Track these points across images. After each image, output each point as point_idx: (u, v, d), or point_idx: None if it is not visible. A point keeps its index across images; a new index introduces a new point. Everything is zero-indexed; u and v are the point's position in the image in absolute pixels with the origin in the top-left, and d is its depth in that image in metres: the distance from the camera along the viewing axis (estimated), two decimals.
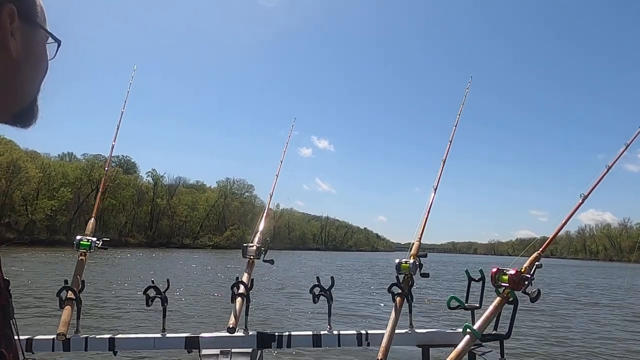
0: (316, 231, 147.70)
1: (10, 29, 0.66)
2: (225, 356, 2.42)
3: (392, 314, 2.45)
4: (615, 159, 2.36)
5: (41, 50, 0.74)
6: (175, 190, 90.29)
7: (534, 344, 10.13)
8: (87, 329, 2.43)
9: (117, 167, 78.72)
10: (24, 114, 0.75)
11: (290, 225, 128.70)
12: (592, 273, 48.82)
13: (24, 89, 0.73)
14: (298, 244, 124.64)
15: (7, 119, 0.74)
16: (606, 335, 11.69)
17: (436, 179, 2.77)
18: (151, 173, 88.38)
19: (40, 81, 0.76)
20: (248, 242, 2.75)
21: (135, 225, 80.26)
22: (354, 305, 14.85)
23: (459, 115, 2.92)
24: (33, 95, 0.75)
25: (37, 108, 0.77)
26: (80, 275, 2.42)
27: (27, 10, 0.70)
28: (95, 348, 2.35)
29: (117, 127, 3.01)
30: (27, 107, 0.74)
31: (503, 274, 2.30)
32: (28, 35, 0.70)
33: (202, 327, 8.89)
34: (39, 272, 20.27)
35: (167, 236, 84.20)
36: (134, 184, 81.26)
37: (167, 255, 48.76)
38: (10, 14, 0.66)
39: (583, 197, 2.33)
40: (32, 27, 0.71)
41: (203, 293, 15.98)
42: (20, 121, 0.76)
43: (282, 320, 11.64)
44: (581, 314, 15.63)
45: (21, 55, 0.69)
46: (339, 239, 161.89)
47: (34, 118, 0.77)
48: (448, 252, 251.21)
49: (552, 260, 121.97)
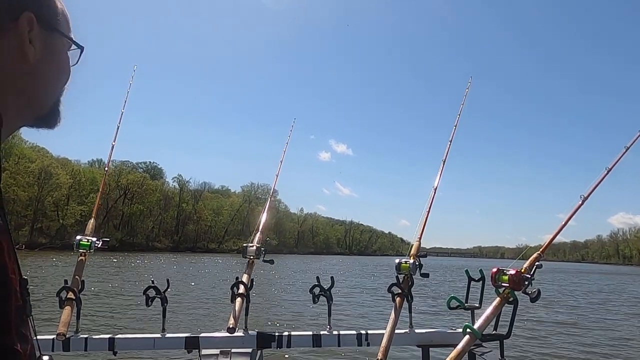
0: (340, 235, 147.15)
1: (29, 36, 0.68)
2: (225, 356, 2.41)
3: (392, 314, 2.44)
4: (615, 161, 2.35)
5: (62, 56, 0.76)
6: (201, 195, 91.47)
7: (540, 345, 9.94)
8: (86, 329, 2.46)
9: (144, 173, 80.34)
10: (47, 117, 0.77)
11: (315, 230, 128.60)
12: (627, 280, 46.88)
13: (45, 94, 0.74)
14: (322, 249, 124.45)
15: (30, 122, 0.76)
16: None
17: (436, 179, 2.74)
18: (177, 178, 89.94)
19: (61, 86, 0.77)
20: (252, 243, 2.76)
21: (162, 230, 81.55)
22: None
23: (459, 115, 2.91)
24: (54, 100, 0.77)
25: (59, 111, 0.79)
26: (80, 275, 2.43)
27: (47, 17, 0.71)
28: (95, 348, 2.36)
29: (117, 127, 3.03)
30: (49, 110, 0.77)
31: (503, 274, 2.27)
32: (49, 42, 0.72)
33: (203, 327, 8.98)
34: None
35: (192, 241, 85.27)
36: (161, 190, 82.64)
37: (193, 260, 49.33)
38: (29, 22, 0.68)
39: (583, 199, 2.32)
40: (53, 33, 0.73)
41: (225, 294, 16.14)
42: (44, 124, 0.78)
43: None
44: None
45: (41, 61, 0.70)
46: (363, 243, 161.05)
47: (57, 121, 0.79)
48: (475, 257, 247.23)
49: (584, 266, 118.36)
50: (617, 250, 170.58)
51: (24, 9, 0.68)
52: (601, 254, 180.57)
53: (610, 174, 2.29)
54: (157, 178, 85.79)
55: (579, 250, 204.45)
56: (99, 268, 25.83)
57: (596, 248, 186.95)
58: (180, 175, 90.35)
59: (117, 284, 19.05)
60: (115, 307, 12.74)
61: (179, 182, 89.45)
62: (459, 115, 2.89)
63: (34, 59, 0.69)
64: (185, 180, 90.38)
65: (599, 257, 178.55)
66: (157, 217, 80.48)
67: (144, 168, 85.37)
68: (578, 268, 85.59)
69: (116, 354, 2.39)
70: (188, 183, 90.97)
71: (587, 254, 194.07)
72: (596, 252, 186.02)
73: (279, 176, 3.08)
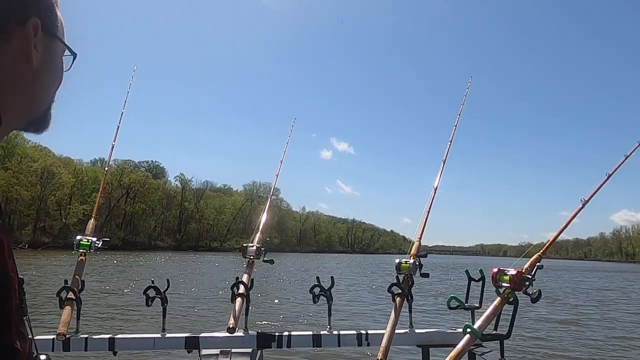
0: (342, 234, 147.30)
1: (32, 41, 0.69)
2: (225, 356, 2.40)
3: (392, 314, 2.43)
4: (615, 168, 2.38)
5: (58, 62, 0.78)
6: (203, 194, 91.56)
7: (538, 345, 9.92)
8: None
9: (146, 172, 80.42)
10: (39, 121, 0.78)
11: (317, 228, 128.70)
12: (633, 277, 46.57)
13: (41, 97, 0.76)
14: (324, 247, 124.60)
15: (22, 126, 0.77)
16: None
17: (436, 179, 2.74)
18: (179, 177, 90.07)
19: (55, 90, 0.79)
20: (252, 243, 2.75)
21: (164, 229, 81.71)
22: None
23: (459, 115, 2.90)
24: (48, 104, 0.78)
25: (50, 115, 0.80)
26: (80, 275, 2.43)
27: (49, 23, 0.73)
28: (95, 348, 2.35)
29: (117, 127, 3.04)
30: (41, 115, 0.78)
31: (504, 274, 2.26)
32: (48, 47, 0.74)
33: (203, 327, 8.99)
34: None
35: (195, 239, 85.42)
36: (163, 189, 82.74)
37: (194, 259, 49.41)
38: (34, 27, 0.69)
39: (583, 202, 2.33)
40: (53, 39, 0.74)
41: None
42: (34, 127, 0.79)
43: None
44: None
45: (41, 65, 0.72)
46: (365, 241, 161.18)
47: (47, 125, 0.80)
48: (477, 255, 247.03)
49: (587, 263, 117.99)
50: (620, 247, 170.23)
51: (31, 15, 0.69)
52: (604, 252, 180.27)
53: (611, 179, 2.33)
54: (159, 177, 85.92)
55: (582, 248, 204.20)
56: (101, 267, 25.85)
57: (599, 246, 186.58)
58: (182, 174, 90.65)
59: (117, 283, 19.05)
60: (115, 307, 12.76)
61: (181, 180, 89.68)
62: (459, 115, 2.89)
63: (37, 62, 0.71)
64: (188, 179, 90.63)
65: (602, 255, 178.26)
66: (160, 216, 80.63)
67: (146, 167, 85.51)
68: (580, 266, 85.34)
69: (116, 354, 2.38)
70: (190, 182, 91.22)
71: (590, 252, 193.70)
72: (599, 249, 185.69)
73: (279, 176, 3.08)
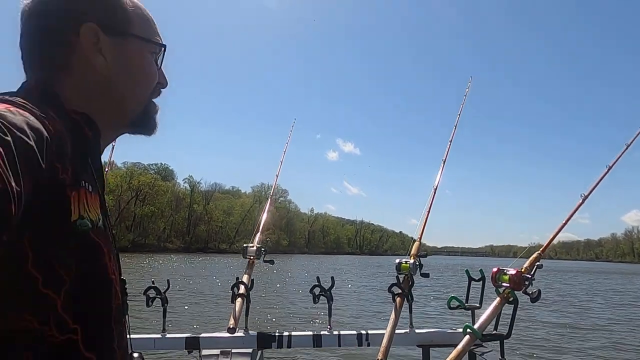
0: (351, 235, 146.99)
1: (94, 47, 0.68)
2: (226, 356, 2.40)
3: (392, 314, 2.43)
4: (616, 159, 2.34)
5: (140, 59, 0.74)
6: (212, 196, 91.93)
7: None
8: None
9: (156, 175, 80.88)
10: (141, 123, 0.77)
11: (325, 230, 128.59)
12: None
13: (127, 99, 0.74)
14: (333, 249, 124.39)
15: (124, 130, 0.77)
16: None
17: (436, 179, 2.74)
18: (188, 179, 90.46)
19: (145, 89, 0.76)
20: (252, 243, 2.76)
21: (174, 231, 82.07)
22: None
23: (459, 115, 2.90)
24: (139, 104, 0.76)
25: (153, 117, 0.78)
26: None
27: (112, 23, 0.71)
28: None
29: None
30: (139, 116, 0.76)
31: (504, 274, 2.26)
32: (120, 47, 0.71)
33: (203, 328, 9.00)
34: None
35: (204, 241, 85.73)
36: (172, 191, 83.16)
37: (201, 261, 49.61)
38: (91, 32, 0.68)
39: (583, 197, 2.31)
40: (124, 38, 0.72)
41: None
42: (139, 129, 0.78)
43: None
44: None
45: (114, 68, 0.70)
46: (374, 243, 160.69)
47: (152, 126, 0.79)
48: (486, 256, 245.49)
49: (598, 264, 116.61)
50: (632, 248, 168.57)
51: (82, 22, 0.68)
52: (615, 252, 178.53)
53: (612, 171, 2.28)
54: (168, 179, 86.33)
55: (593, 249, 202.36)
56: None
57: (610, 246, 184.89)
58: (191, 176, 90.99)
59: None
60: None
61: (190, 183, 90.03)
62: (459, 115, 2.89)
63: (106, 69, 0.69)
64: (196, 181, 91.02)
65: (614, 256, 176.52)
66: (169, 218, 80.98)
67: (155, 169, 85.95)
68: (591, 267, 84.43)
69: None
70: (199, 184, 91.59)
71: (602, 252, 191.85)
72: (610, 250, 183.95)
73: (279, 176, 3.10)
